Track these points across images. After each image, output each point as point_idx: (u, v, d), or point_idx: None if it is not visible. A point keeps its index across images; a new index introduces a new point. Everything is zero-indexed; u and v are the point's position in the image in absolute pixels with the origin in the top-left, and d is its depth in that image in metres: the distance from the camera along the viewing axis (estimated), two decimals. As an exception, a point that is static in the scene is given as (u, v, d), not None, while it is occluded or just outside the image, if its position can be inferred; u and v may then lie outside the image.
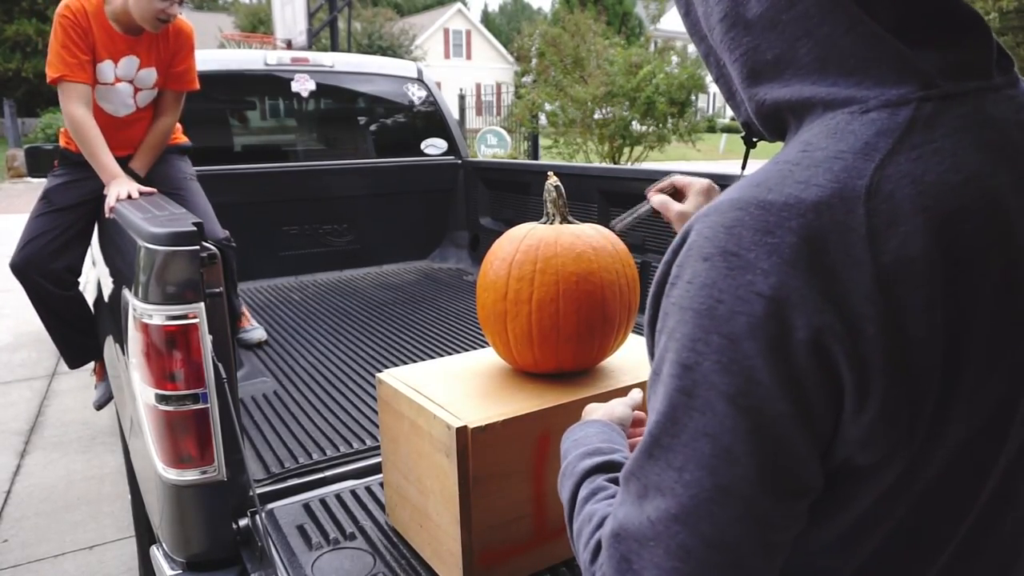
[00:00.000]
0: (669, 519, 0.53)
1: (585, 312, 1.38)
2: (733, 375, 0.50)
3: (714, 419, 0.51)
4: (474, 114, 26.97)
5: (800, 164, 0.52)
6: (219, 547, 1.47)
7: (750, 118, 0.64)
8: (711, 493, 0.51)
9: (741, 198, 0.52)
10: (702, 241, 0.53)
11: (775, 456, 0.51)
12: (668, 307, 0.55)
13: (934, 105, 0.52)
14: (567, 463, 0.80)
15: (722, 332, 0.50)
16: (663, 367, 0.55)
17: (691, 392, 0.52)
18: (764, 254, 0.49)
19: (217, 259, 1.38)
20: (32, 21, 22.53)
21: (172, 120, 2.62)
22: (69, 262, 2.42)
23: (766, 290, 0.49)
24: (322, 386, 2.30)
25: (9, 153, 16.20)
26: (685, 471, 0.52)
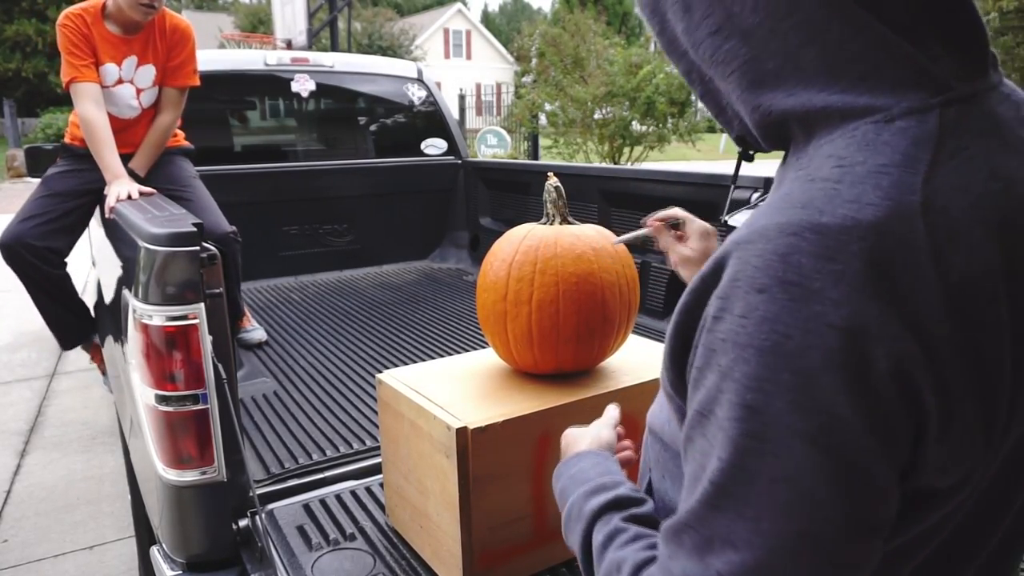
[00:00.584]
0: (745, 571, 0.49)
1: (585, 313, 1.38)
2: (811, 413, 0.46)
3: (792, 462, 0.47)
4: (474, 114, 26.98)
5: (843, 182, 0.49)
6: (219, 547, 1.47)
7: (746, 131, 0.62)
8: (793, 542, 0.48)
9: (790, 222, 0.49)
10: (752, 271, 0.49)
11: (860, 494, 0.48)
12: (715, 343, 0.51)
13: (956, 110, 0.51)
14: (571, 504, 0.75)
15: (794, 369, 0.46)
16: (717, 409, 0.50)
17: (762, 436, 0.48)
18: (830, 282, 0.46)
19: (217, 259, 1.38)
20: (32, 21, 22.54)
21: (172, 118, 2.63)
22: (56, 245, 2.45)
23: (838, 321, 0.46)
24: (322, 386, 2.30)
25: (9, 153, 16.20)
26: (762, 520, 0.48)
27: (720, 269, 0.53)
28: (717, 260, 0.53)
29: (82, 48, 2.33)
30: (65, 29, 2.33)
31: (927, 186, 0.48)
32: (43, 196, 2.47)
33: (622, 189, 2.99)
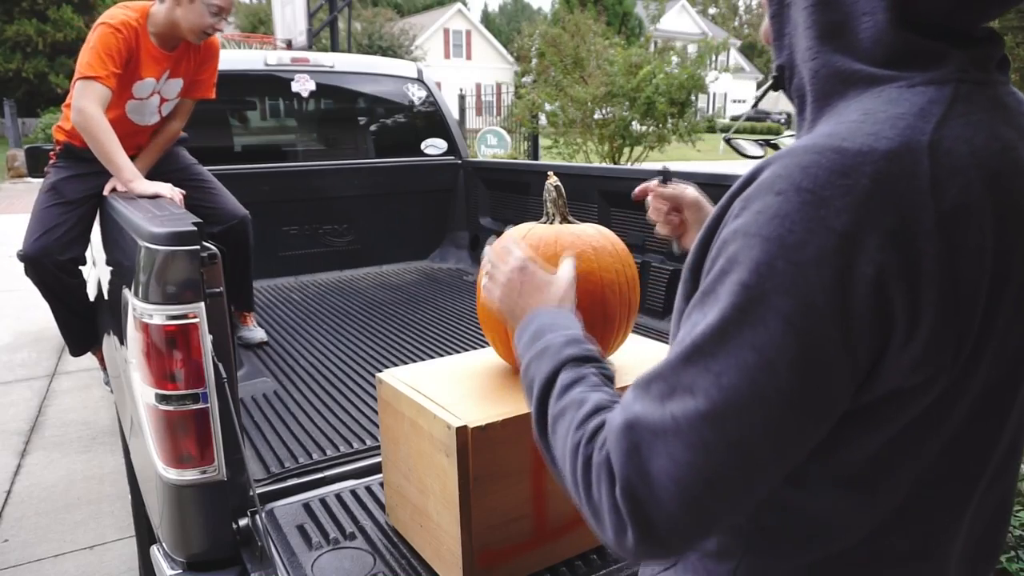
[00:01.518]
0: (696, 416, 0.57)
1: (585, 312, 1.37)
2: (793, 298, 0.54)
3: (765, 335, 0.55)
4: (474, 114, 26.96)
5: (865, 122, 0.57)
6: (219, 547, 1.47)
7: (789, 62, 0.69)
8: (746, 400, 0.56)
9: (815, 144, 0.57)
10: (774, 178, 0.58)
11: (814, 377, 0.55)
12: (729, 235, 0.59)
13: (968, 87, 0.59)
14: (545, 341, 0.80)
15: (789, 259, 0.54)
16: (719, 287, 0.58)
17: (747, 309, 0.56)
18: (839, 194, 0.54)
19: (217, 258, 1.38)
20: (32, 21, 22.53)
21: (181, 125, 2.72)
22: (77, 253, 2.47)
23: (838, 226, 0.54)
24: (322, 386, 2.30)
25: (9, 153, 16.21)
26: (723, 376, 0.57)
27: (750, 182, 0.61)
28: (750, 174, 0.62)
29: (120, 58, 2.31)
30: (114, 34, 2.29)
31: (936, 132, 0.56)
32: (56, 204, 2.45)
33: (622, 189, 2.99)
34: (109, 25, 2.31)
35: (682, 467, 0.58)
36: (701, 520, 0.60)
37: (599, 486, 0.63)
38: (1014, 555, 2.25)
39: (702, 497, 0.58)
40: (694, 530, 0.60)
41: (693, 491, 0.58)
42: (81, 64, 2.29)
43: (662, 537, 0.60)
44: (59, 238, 2.40)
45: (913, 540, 0.67)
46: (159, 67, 2.46)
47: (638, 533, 0.60)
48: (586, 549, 1.45)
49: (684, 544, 0.62)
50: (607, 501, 0.62)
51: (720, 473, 0.58)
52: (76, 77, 2.30)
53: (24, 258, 2.40)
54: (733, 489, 0.59)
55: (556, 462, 0.71)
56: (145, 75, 2.44)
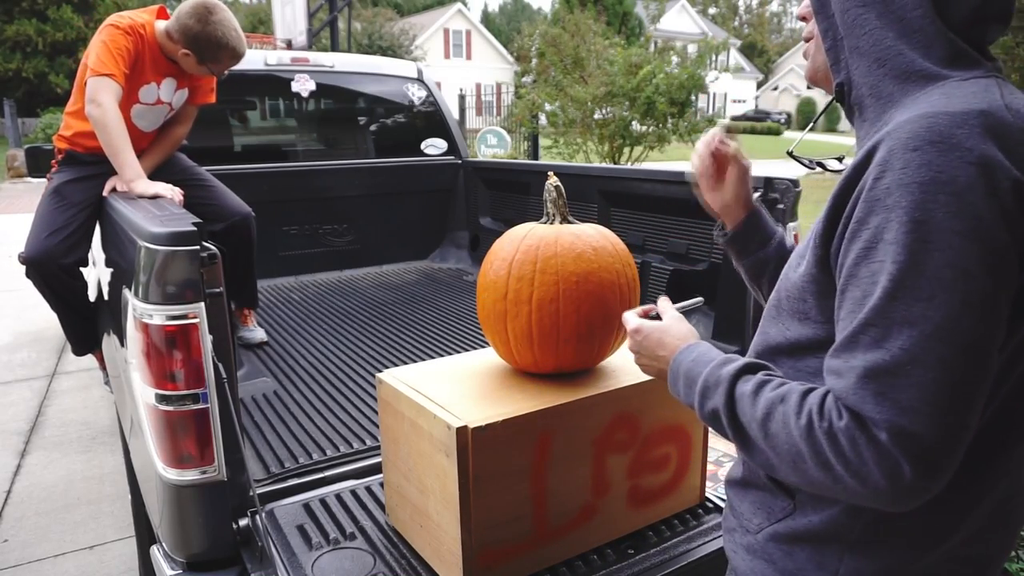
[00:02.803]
0: (923, 340, 0.68)
1: (585, 312, 1.38)
2: (963, 218, 0.68)
3: (952, 252, 0.67)
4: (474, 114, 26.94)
5: (952, 98, 0.74)
6: (219, 547, 1.46)
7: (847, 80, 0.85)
8: (959, 308, 0.67)
9: (925, 113, 0.72)
10: (904, 141, 0.71)
11: (1000, 269, 0.69)
12: (878, 194, 0.72)
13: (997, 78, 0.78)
14: (705, 376, 0.87)
15: (948, 191, 0.68)
16: (885, 235, 0.70)
17: (927, 239, 0.68)
18: (964, 137, 0.69)
19: (217, 258, 1.38)
20: (32, 21, 22.53)
21: (186, 130, 2.74)
22: (80, 255, 2.47)
23: (973, 159, 0.69)
24: (322, 386, 2.30)
25: (9, 153, 16.20)
26: (934, 297, 0.68)
27: (870, 156, 0.74)
28: (866, 151, 0.75)
29: (129, 58, 2.33)
30: (123, 35, 2.32)
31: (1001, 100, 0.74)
32: (60, 205, 2.45)
33: (622, 189, 2.99)
34: (117, 27, 2.32)
35: (930, 388, 0.67)
36: (960, 431, 0.68)
37: (853, 445, 0.70)
38: (1014, 555, 2.25)
39: (956, 408, 0.68)
40: (957, 443, 0.68)
41: (947, 404, 0.67)
42: (93, 62, 2.30)
43: (937, 461, 0.68)
44: (62, 241, 2.40)
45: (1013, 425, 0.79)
46: (161, 72, 2.47)
47: (915, 467, 0.67)
48: (586, 549, 1.45)
49: (953, 464, 0.69)
50: (871, 453, 0.69)
51: (962, 379, 0.68)
52: (89, 74, 2.30)
53: (27, 261, 2.39)
54: (976, 391, 0.69)
55: (784, 463, 0.77)
56: (151, 80, 2.45)
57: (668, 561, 1.46)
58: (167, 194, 2.24)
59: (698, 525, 1.57)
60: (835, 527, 0.83)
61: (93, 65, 2.29)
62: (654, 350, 0.99)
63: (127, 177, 2.29)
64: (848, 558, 0.82)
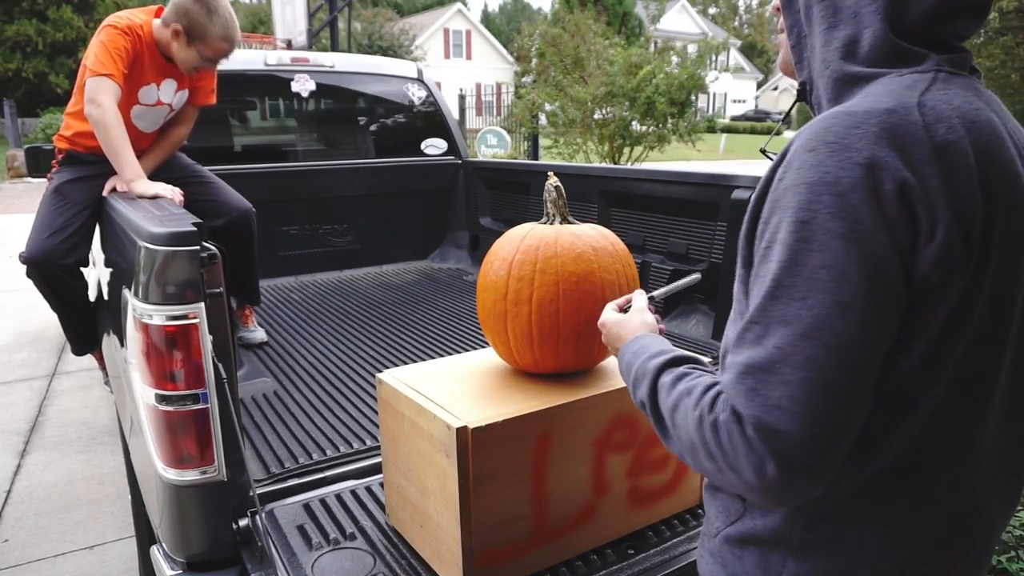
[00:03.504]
0: (795, 339, 0.68)
1: (585, 312, 1.38)
2: (843, 219, 0.68)
3: (830, 254, 0.68)
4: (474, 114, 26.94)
5: (867, 96, 0.75)
6: (219, 547, 1.46)
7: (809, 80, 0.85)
8: (831, 309, 0.67)
9: (830, 113, 0.73)
10: (804, 142, 0.73)
11: (877, 274, 0.68)
12: (779, 194, 0.73)
13: (946, 75, 0.77)
14: (636, 367, 0.92)
15: (831, 192, 0.69)
16: (777, 235, 0.72)
17: (808, 239, 0.69)
18: (856, 139, 0.70)
19: (217, 259, 1.38)
20: (32, 21, 22.52)
21: (187, 131, 2.74)
22: (81, 255, 2.47)
23: (861, 160, 0.69)
24: (322, 386, 2.30)
25: (9, 153, 16.20)
26: (808, 297, 0.68)
27: (783, 158, 0.75)
28: (782, 152, 0.76)
29: (127, 58, 2.34)
30: (122, 35, 2.32)
31: (921, 96, 0.73)
32: (61, 205, 2.45)
33: (622, 189, 2.99)
34: (115, 27, 2.33)
35: (797, 386, 0.67)
36: (830, 433, 0.68)
37: (730, 438, 0.71)
38: (1014, 555, 2.25)
39: (823, 409, 0.67)
40: (825, 446, 0.68)
41: (814, 405, 0.67)
42: (92, 62, 2.30)
43: (801, 461, 0.68)
44: (63, 241, 2.40)
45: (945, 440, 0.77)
46: (160, 73, 2.47)
47: (779, 464, 0.68)
48: (586, 549, 1.45)
49: (822, 464, 0.69)
50: (741, 445, 0.70)
51: (831, 380, 0.67)
52: (88, 75, 2.30)
53: (27, 261, 2.39)
54: (846, 393, 0.68)
55: (687, 454, 0.79)
56: (150, 80, 2.45)
57: (668, 561, 1.46)
58: (167, 194, 2.24)
59: (698, 525, 1.57)
60: (777, 532, 0.82)
61: (92, 66, 2.29)
62: (613, 342, 1.07)
63: (127, 177, 2.29)
64: (791, 563, 0.81)
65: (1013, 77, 15.95)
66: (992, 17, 15.11)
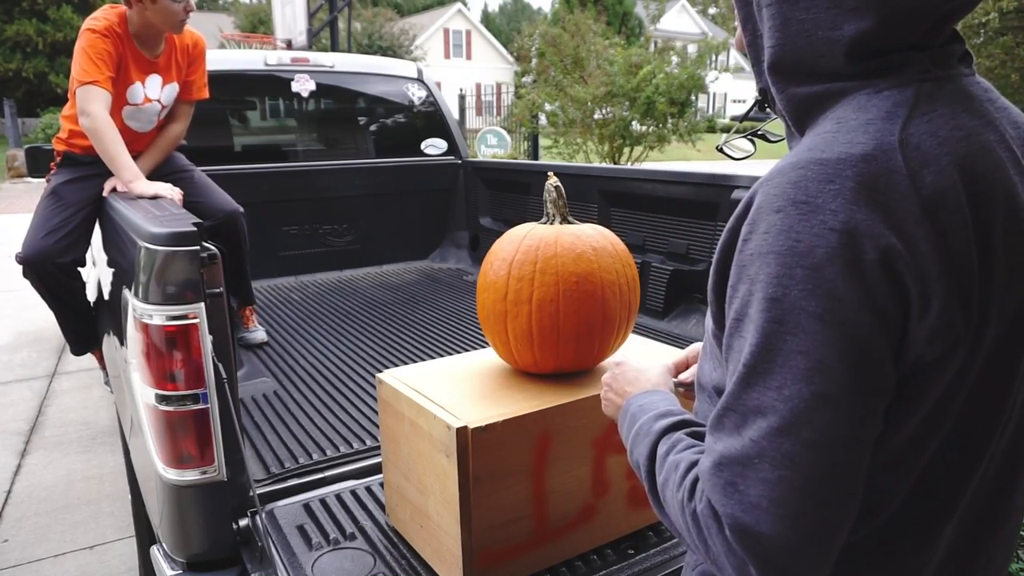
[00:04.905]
0: (772, 433, 0.60)
1: (585, 312, 1.38)
2: (819, 297, 0.59)
3: (806, 338, 0.59)
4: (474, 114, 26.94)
5: (839, 132, 0.63)
6: (219, 547, 1.46)
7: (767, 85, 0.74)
8: (809, 402, 0.59)
9: (799, 160, 0.63)
10: (770, 199, 0.63)
11: (861, 360, 0.59)
12: (744, 260, 0.64)
13: (930, 85, 0.65)
14: (639, 424, 0.85)
15: (804, 265, 0.59)
16: (749, 310, 0.63)
17: (782, 320, 0.60)
18: (830, 198, 0.60)
19: (217, 259, 1.38)
20: (32, 21, 22.53)
21: (183, 127, 2.72)
22: (77, 255, 2.47)
23: (837, 225, 0.59)
24: (322, 386, 2.30)
25: (9, 153, 16.20)
26: (784, 388, 0.60)
27: (748, 206, 0.66)
28: (747, 200, 0.67)
29: (111, 61, 2.33)
30: (101, 38, 2.31)
31: (903, 131, 0.62)
32: (57, 207, 2.46)
33: (622, 189, 2.99)
34: (94, 31, 2.32)
35: (776, 486, 0.60)
36: (813, 535, 0.60)
37: (710, 534, 0.64)
38: (1014, 555, 2.25)
39: (804, 510, 0.60)
40: (810, 547, 0.61)
41: (794, 506, 0.60)
42: (77, 71, 2.31)
43: (785, 564, 0.61)
44: (59, 240, 2.41)
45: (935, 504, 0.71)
46: (143, 69, 2.47)
47: (759, 566, 0.61)
48: (586, 549, 1.45)
49: (810, 565, 0.62)
50: (721, 545, 0.63)
51: (812, 479, 0.59)
52: (75, 85, 2.31)
53: (23, 260, 2.40)
54: (830, 492, 0.60)
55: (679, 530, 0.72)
56: (135, 79, 2.45)
57: (668, 561, 1.46)
58: (167, 194, 2.24)
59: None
60: None
61: (77, 75, 2.30)
62: (624, 386, 0.97)
63: (126, 179, 2.30)
64: None
65: (1013, 77, 15.96)
66: (992, 17, 15.11)
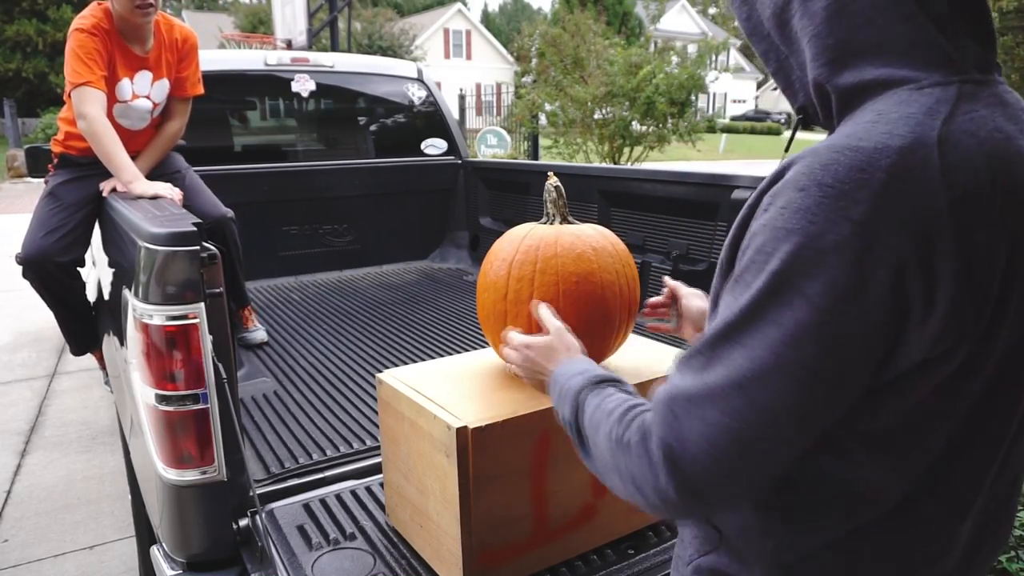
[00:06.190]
0: (727, 385, 0.64)
1: (585, 312, 1.38)
2: (816, 280, 0.60)
3: (790, 313, 0.61)
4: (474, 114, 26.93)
5: (879, 122, 0.63)
6: (219, 547, 1.47)
7: (808, 101, 0.75)
8: (771, 370, 0.62)
9: (835, 144, 0.63)
10: (798, 176, 0.64)
11: (836, 352, 0.61)
12: (758, 228, 0.66)
13: (971, 86, 0.65)
14: (561, 390, 0.91)
15: (812, 247, 0.60)
16: (747, 275, 0.65)
17: (774, 292, 0.62)
18: (857, 186, 0.60)
19: (217, 259, 1.38)
20: (32, 21, 22.53)
21: (180, 125, 2.70)
22: (76, 255, 2.47)
23: (856, 216, 0.59)
24: (322, 386, 2.30)
25: (9, 153, 16.20)
26: (754, 349, 0.63)
27: (778, 178, 0.67)
28: (778, 171, 0.68)
29: (100, 60, 2.33)
30: (90, 37, 2.31)
31: (943, 127, 0.62)
32: (55, 207, 2.46)
33: (622, 189, 2.99)
34: (82, 30, 2.32)
35: (714, 429, 0.64)
36: (731, 478, 0.65)
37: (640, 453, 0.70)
38: (1014, 555, 2.25)
39: (731, 457, 0.64)
40: (726, 487, 0.66)
41: (724, 452, 0.64)
42: (70, 73, 2.30)
43: (697, 487, 0.66)
44: (58, 240, 2.41)
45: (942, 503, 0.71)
46: (131, 65, 2.45)
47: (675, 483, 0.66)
48: (586, 549, 1.45)
49: (717, 496, 0.67)
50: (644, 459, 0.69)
51: (748, 436, 0.64)
52: (69, 88, 2.31)
53: (23, 260, 2.40)
54: (759, 452, 0.64)
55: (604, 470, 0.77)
56: (122, 75, 2.43)
57: (668, 561, 1.46)
58: (167, 194, 2.24)
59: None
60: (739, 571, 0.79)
61: (70, 77, 2.30)
62: (545, 364, 1.01)
63: (124, 179, 2.30)
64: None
65: (1013, 77, 15.97)
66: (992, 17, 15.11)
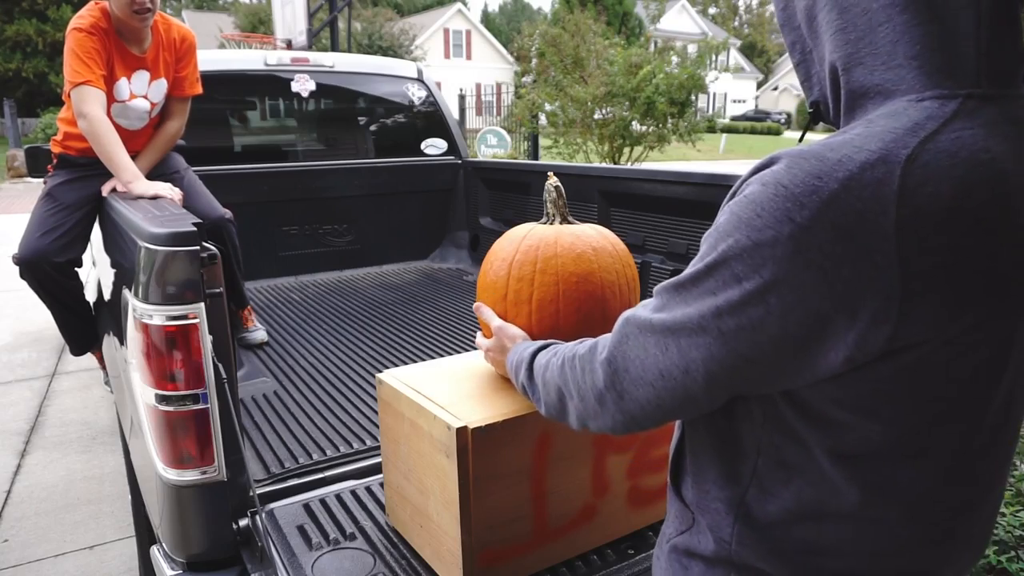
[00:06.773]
0: (666, 326, 0.74)
1: (585, 313, 1.38)
2: (745, 265, 0.65)
3: (722, 286, 0.68)
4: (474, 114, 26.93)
5: (860, 134, 0.64)
6: (219, 547, 1.47)
7: (822, 97, 0.76)
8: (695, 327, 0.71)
9: (809, 151, 0.65)
10: (770, 172, 0.67)
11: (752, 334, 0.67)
12: (726, 209, 0.71)
13: (975, 102, 0.63)
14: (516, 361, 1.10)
15: (751, 237, 0.65)
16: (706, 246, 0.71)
17: (714, 265, 0.69)
18: (808, 192, 0.62)
19: (217, 259, 1.38)
20: (32, 21, 22.54)
21: (180, 124, 2.70)
22: (73, 255, 2.47)
23: (797, 218, 0.62)
24: (322, 386, 2.30)
25: (9, 153, 16.20)
26: (691, 307, 0.71)
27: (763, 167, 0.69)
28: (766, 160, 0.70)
29: (98, 59, 2.33)
30: (88, 36, 2.31)
31: (920, 147, 0.61)
32: (52, 207, 2.46)
33: (622, 189, 2.99)
34: (80, 29, 2.32)
35: (647, 355, 0.76)
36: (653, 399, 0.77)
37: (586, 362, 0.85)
38: (1014, 555, 2.25)
39: (654, 382, 0.76)
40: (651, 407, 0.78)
41: (649, 375, 0.76)
42: (68, 73, 2.30)
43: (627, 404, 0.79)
44: (54, 241, 2.41)
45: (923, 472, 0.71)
46: (128, 65, 2.45)
47: (612, 395, 0.80)
48: (586, 549, 1.45)
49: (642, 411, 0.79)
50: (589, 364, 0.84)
51: (668, 370, 0.74)
52: (68, 88, 2.31)
53: (20, 261, 2.40)
54: (675, 388, 0.74)
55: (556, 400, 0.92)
56: (119, 75, 2.44)
57: (668, 561, 1.46)
58: (167, 194, 2.24)
59: (698, 525, 1.57)
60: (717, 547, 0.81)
61: (69, 77, 2.30)
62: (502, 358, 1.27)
63: (124, 179, 2.30)
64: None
65: (1013, 77, 15.94)
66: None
